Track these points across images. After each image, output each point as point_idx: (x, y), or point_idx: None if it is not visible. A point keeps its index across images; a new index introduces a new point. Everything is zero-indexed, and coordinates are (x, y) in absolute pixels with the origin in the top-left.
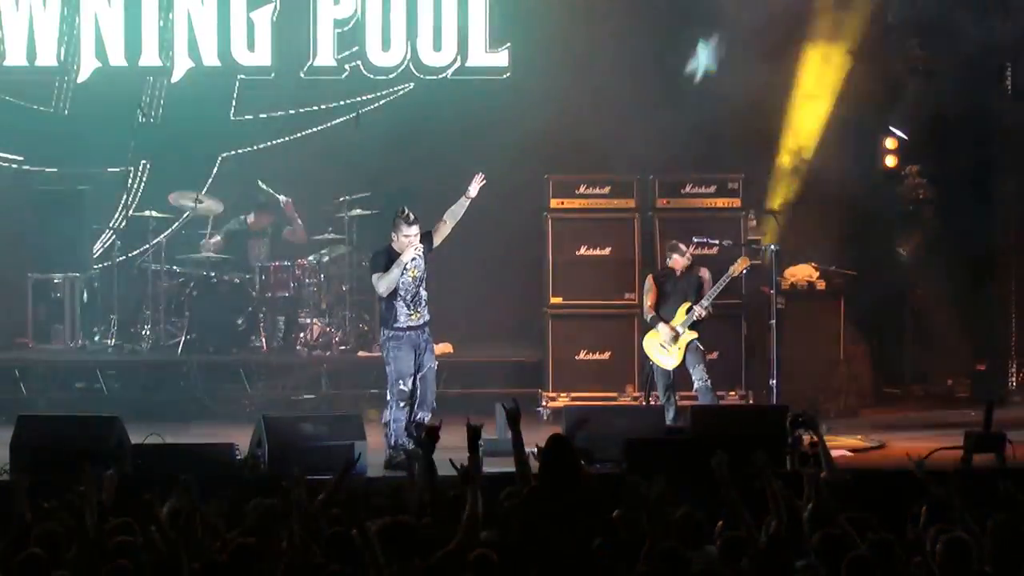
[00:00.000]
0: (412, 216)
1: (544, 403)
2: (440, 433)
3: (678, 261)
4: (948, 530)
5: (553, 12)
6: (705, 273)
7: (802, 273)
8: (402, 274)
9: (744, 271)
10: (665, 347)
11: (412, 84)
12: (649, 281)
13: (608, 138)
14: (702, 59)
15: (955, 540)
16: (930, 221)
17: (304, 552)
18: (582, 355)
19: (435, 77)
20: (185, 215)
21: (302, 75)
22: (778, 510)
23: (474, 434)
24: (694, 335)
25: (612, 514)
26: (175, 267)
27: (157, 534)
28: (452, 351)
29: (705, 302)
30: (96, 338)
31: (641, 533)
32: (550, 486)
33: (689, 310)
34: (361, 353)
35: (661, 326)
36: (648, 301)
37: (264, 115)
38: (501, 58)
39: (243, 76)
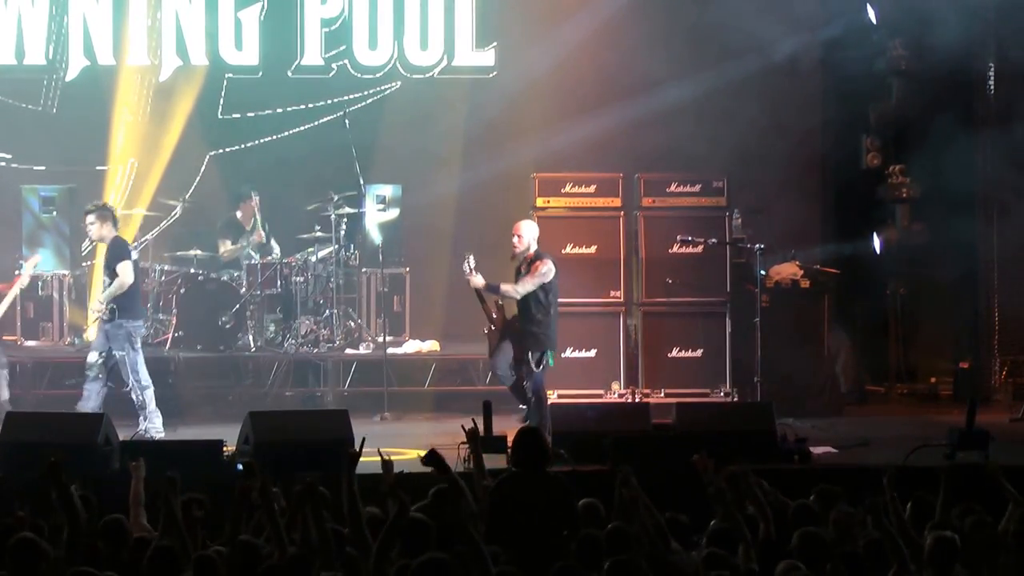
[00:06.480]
0: None
1: None
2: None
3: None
4: (937, 527)
5: (539, 11)
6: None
7: (786, 271)
8: None
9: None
10: None
11: (399, 83)
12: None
13: (594, 137)
14: None
15: (943, 539)
16: (913, 220)
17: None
18: (569, 353)
19: (422, 76)
20: (173, 213)
21: (289, 74)
22: (764, 512)
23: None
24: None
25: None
26: (163, 265)
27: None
28: (439, 348)
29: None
30: (84, 335)
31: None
32: (519, 476)
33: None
34: (349, 351)
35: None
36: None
37: (252, 114)
38: (488, 57)
39: (231, 75)
